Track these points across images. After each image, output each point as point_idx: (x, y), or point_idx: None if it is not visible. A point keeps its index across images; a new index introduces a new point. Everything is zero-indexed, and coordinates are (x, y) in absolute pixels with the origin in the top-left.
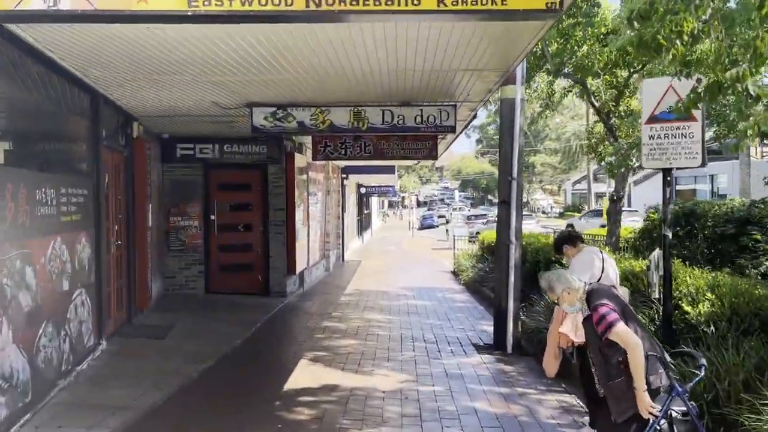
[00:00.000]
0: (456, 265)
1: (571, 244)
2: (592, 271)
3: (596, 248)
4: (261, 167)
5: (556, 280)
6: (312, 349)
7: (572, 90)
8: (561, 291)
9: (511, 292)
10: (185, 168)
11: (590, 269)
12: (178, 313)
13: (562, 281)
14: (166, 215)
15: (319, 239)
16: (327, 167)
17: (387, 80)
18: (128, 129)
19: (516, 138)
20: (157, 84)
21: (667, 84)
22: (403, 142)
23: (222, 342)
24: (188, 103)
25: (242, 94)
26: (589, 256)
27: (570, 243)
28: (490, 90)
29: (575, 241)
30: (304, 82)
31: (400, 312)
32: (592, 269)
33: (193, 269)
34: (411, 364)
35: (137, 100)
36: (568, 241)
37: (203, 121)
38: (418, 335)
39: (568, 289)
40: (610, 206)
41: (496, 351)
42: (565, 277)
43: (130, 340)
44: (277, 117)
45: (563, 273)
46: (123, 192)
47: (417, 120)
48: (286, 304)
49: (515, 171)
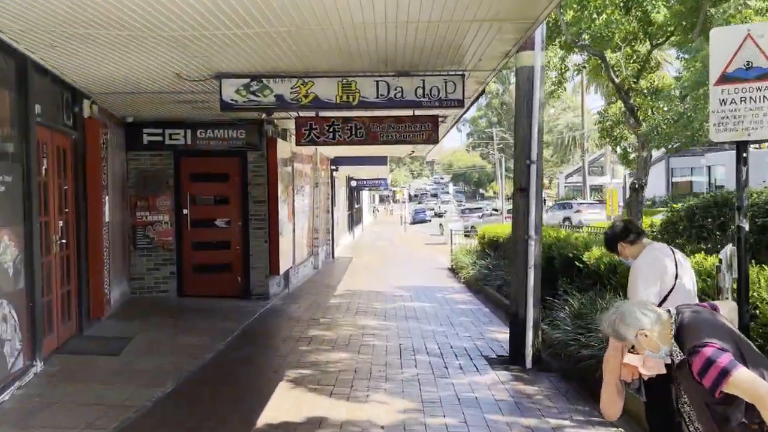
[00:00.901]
0: (454, 261)
1: (628, 241)
2: (663, 279)
3: (663, 245)
4: (239, 155)
5: (621, 321)
6: (296, 366)
7: (586, 66)
8: (634, 337)
9: (531, 297)
10: (153, 156)
11: (659, 277)
12: (142, 321)
13: (631, 322)
14: (132, 209)
15: (306, 235)
16: (315, 158)
17: (383, 38)
18: (77, 107)
19: (535, 114)
20: (92, 44)
21: (744, 33)
22: (399, 125)
23: (188, 358)
24: (145, 76)
25: (209, 62)
26: (655, 258)
27: (626, 239)
28: (507, 53)
29: (634, 235)
30: (283, 44)
31: (397, 316)
32: (663, 276)
33: (163, 270)
34: (414, 384)
35: (80, 69)
36: (623, 236)
37: (169, 101)
38: (420, 345)
39: (644, 331)
40: (631, 195)
41: (512, 366)
42: (633, 316)
43: (76, 358)
44: (251, 90)
45: (628, 308)
46: (71, 181)
47: (418, 93)
48: (268, 308)
49: (534, 153)
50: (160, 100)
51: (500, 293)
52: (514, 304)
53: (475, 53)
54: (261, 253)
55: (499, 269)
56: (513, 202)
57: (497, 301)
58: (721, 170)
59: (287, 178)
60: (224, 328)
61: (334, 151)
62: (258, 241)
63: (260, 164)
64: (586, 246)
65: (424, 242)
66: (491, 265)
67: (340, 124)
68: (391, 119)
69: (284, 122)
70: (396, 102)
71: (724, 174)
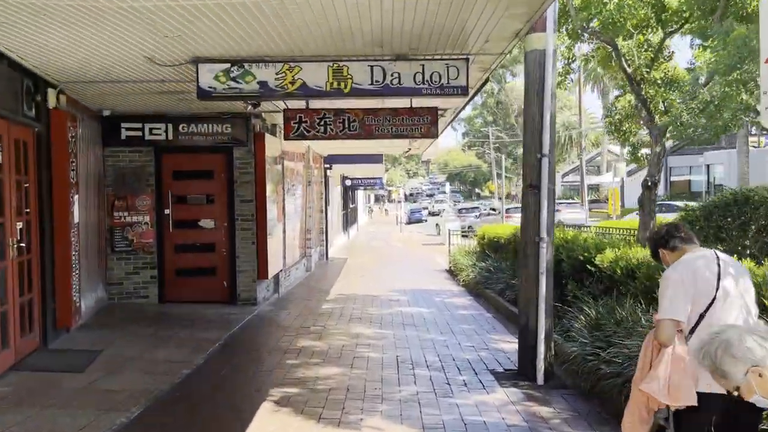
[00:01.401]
0: (452, 263)
1: (670, 248)
2: (697, 290)
3: (706, 250)
4: (225, 151)
5: (726, 352)
6: (281, 384)
7: (595, 55)
8: (743, 375)
9: (542, 305)
10: (132, 152)
11: (690, 288)
12: (117, 332)
13: (740, 353)
14: (110, 209)
15: (298, 236)
16: (307, 155)
17: (378, 15)
18: (39, 97)
19: (547, 102)
20: (47, 19)
21: None
22: (396, 118)
23: (161, 375)
24: (113, 61)
25: (183, 43)
26: (685, 264)
27: (666, 246)
28: (518, 33)
29: (676, 241)
30: (266, 21)
31: (394, 323)
32: (696, 286)
33: (143, 274)
34: (413, 406)
35: (40, 54)
36: (662, 243)
37: (145, 91)
38: (419, 358)
39: (759, 369)
40: (644, 194)
41: (522, 382)
42: (744, 345)
43: (36, 375)
44: (231, 76)
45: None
46: (34, 178)
47: (417, 79)
48: (255, 315)
49: (546, 145)
50: (134, 90)
51: (503, 297)
52: (524, 314)
53: (482, 33)
54: (248, 256)
55: (500, 272)
56: (522, 201)
57: (500, 306)
58: (720, 169)
59: (277, 176)
60: (206, 338)
61: (327, 148)
62: (245, 243)
63: (247, 161)
64: (597, 248)
65: (421, 242)
66: (492, 267)
67: (331, 117)
68: (386, 111)
69: (273, 116)
70: (392, 89)
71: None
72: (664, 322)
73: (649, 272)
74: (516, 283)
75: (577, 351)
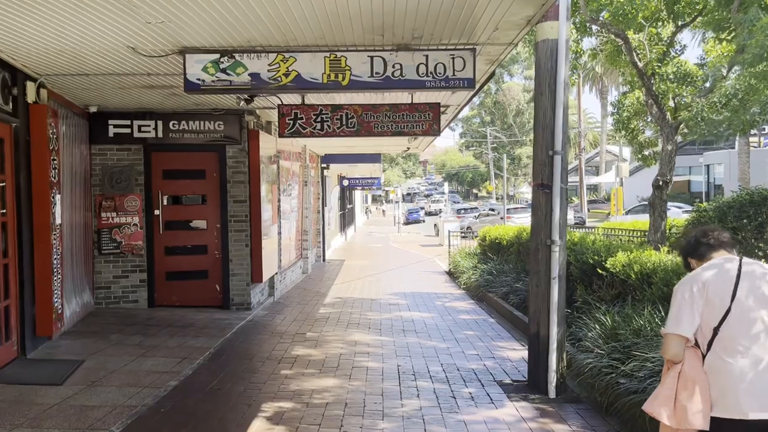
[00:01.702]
0: (452, 265)
1: (697, 255)
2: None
3: (730, 256)
4: (217, 149)
5: None
6: (274, 398)
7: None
8: None
9: (554, 314)
10: (121, 150)
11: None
12: (101, 339)
13: None
14: (97, 210)
15: (294, 237)
16: (304, 154)
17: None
18: (17, 90)
19: (559, 96)
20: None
21: None
22: (396, 114)
23: (146, 388)
24: (94, 50)
25: (168, 31)
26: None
27: (694, 253)
28: (529, 20)
29: (705, 248)
30: (257, 7)
31: (393, 330)
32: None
33: (132, 278)
34: (417, 423)
35: (16, 42)
36: (690, 251)
37: (131, 85)
38: (421, 368)
39: None
40: (654, 194)
41: (532, 395)
42: None
43: (9, 389)
44: (221, 67)
45: None
46: (11, 177)
47: (420, 71)
48: (249, 320)
49: (558, 142)
50: (120, 85)
51: (507, 302)
52: (535, 322)
53: (491, 19)
54: (242, 259)
55: (504, 275)
56: (532, 201)
57: (504, 310)
58: (719, 169)
59: (272, 175)
60: (196, 346)
61: (324, 147)
62: (239, 245)
63: (241, 160)
64: (608, 251)
65: (419, 243)
66: (495, 269)
67: (328, 113)
68: (386, 107)
69: (268, 113)
70: (394, 82)
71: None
72: (668, 337)
73: (666, 277)
74: (521, 287)
75: (592, 363)
